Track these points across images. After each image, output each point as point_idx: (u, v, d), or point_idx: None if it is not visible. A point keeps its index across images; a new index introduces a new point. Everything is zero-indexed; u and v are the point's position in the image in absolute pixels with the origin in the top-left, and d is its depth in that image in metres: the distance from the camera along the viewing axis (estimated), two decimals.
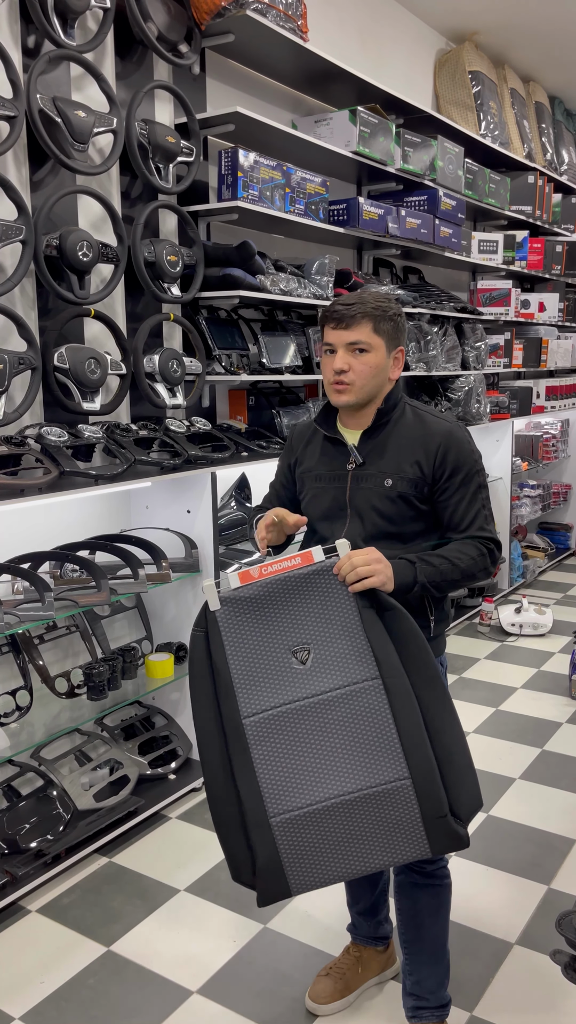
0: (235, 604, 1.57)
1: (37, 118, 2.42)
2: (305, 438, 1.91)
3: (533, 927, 2.30)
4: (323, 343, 1.77)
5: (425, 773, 1.53)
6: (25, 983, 2.12)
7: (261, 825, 1.55)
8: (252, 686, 1.56)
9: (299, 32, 3.22)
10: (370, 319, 1.71)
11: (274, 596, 1.56)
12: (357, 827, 1.54)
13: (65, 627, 2.83)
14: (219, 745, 1.58)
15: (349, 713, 1.54)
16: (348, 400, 1.75)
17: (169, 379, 2.88)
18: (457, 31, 4.85)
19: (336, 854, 1.55)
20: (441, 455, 1.74)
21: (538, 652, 4.37)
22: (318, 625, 1.56)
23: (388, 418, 1.79)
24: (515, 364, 5.29)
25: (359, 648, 1.55)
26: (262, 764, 1.55)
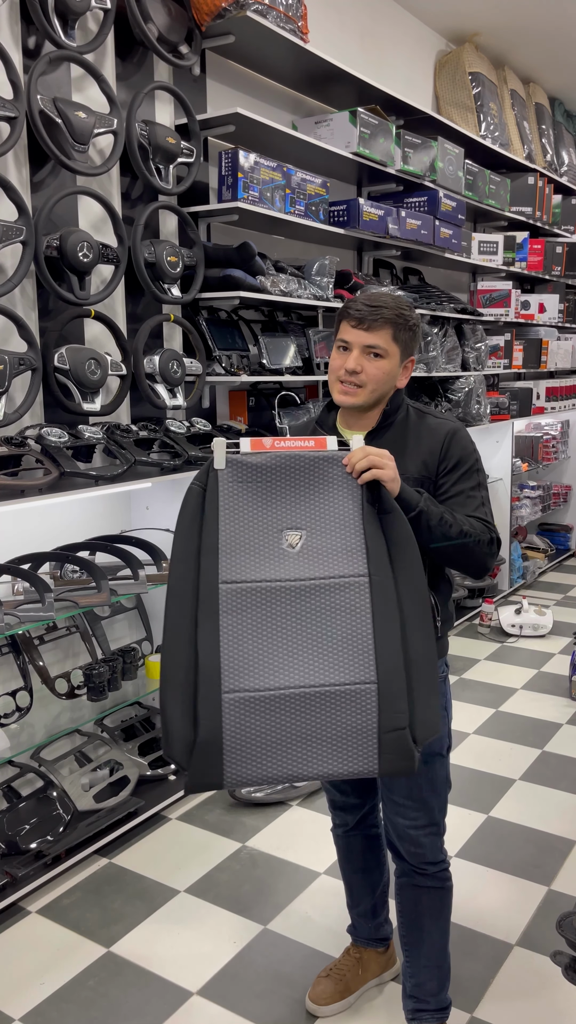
0: (240, 468, 1.55)
1: (37, 119, 2.42)
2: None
3: (533, 928, 2.29)
4: (338, 338, 1.75)
5: (392, 681, 1.49)
6: (25, 984, 2.11)
7: (212, 698, 1.47)
8: (237, 553, 1.52)
9: (299, 33, 3.22)
10: (391, 326, 1.70)
11: (279, 471, 1.55)
12: (310, 725, 1.48)
13: (65, 628, 2.83)
14: (189, 606, 1.52)
15: (329, 605, 1.51)
16: (354, 402, 1.73)
17: (169, 380, 2.88)
18: (457, 32, 4.86)
19: (281, 750, 1.48)
20: (444, 450, 1.74)
21: (538, 653, 4.37)
22: (316, 511, 1.55)
23: (392, 419, 1.79)
24: (515, 365, 5.29)
25: (353, 543, 1.54)
26: (228, 634, 1.50)
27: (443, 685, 1.84)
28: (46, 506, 2.76)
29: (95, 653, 2.84)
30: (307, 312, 3.73)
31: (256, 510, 1.55)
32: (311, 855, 2.63)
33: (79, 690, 2.71)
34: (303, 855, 2.63)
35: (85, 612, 2.77)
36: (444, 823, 1.87)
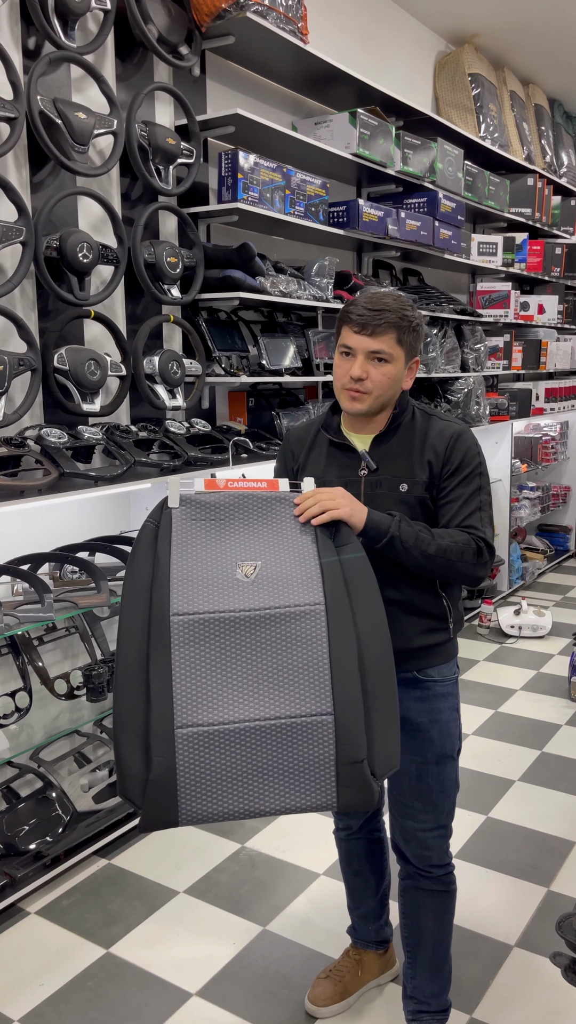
0: (193, 506, 1.55)
1: (37, 120, 2.42)
2: (306, 443, 1.84)
3: (532, 929, 2.29)
4: (340, 344, 1.71)
5: (349, 712, 1.44)
6: (24, 985, 2.11)
7: (165, 734, 1.41)
8: (189, 585, 1.49)
9: (299, 34, 3.22)
10: (395, 329, 1.66)
11: (232, 509, 1.56)
12: (266, 759, 1.43)
13: (65, 629, 2.83)
14: (141, 641, 1.47)
15: (284, 635, 1.47)
16: (361, 409, 1.70)
17: (169, 381, 2.88)
18: (457, 34, 4.86)
19: (237, 785, 1.43)
20: (448, 452, 1.71)
21: (537, 654, 4.37)
22: (271, 546, 1.54)
23: (399, 422, 1.76)
24: (514, 366, 5.29)
25: (308, 572, 1.52)
26: (181, 667, 1.45)
27: (453, 687, 1.83)
28: (46, 507, 2.76)
29: (94, 654, 2.84)
30: (307, 313, 3.73)
31: (209, 545, 1.54)
32: (310, 856, 2.63)
33: (78, 691, 2.70)
34: (302, 856, 2.63)
35: (84, 613, 2.77)
36: (451, 826, 1.86)
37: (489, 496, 1.76)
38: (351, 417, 1.76)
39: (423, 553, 1.63)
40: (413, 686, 1.78)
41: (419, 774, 1.80)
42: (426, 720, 1.78)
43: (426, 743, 1.79)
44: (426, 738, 1.79)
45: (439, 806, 1.82)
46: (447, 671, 1.81)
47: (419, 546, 1.63)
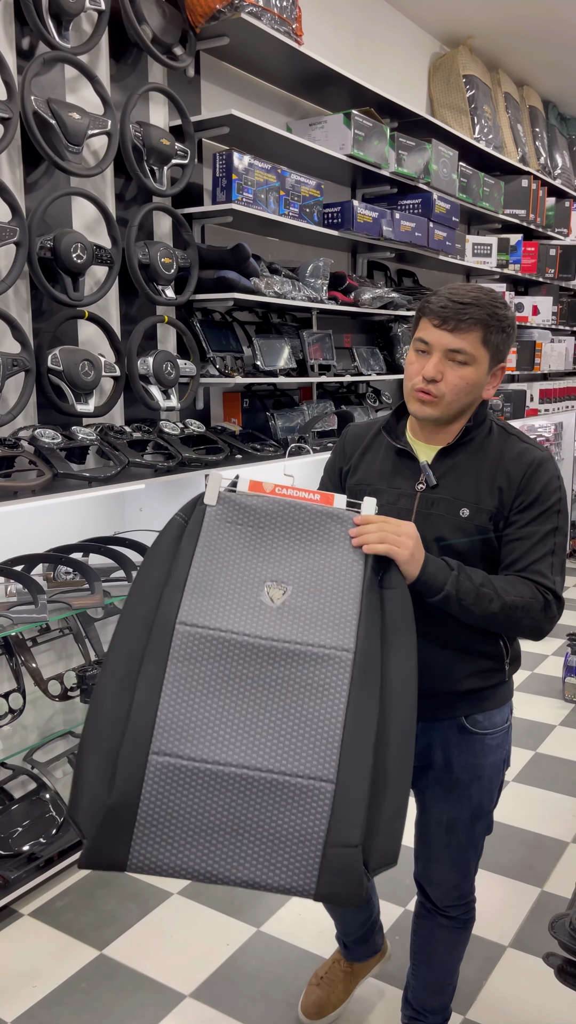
0: (230, 507, 1.37)
1: (31, 120, 2.41)
2: (363, 443, 1.65)
3: (526, 930, 2.30)
4: (416, 338, 1.51)
5: (353, 785, 1.23)
6: (17, 987, 2.11)
7: (136, 757, 1.23)
8: (205, 594, 1.31)
9: (294, 35, 3.22)
10: (482, 327, 1.45)
11: (275, 518, 1.36)
12: (244, 816, 1.23)
13: (58, 630, 2.82)
14: (137, 645, 1.30)
15: (299, 677, 1.27)
16: (431, 414, 1.50)
17: (163, 381, 2.88)
18: (452, 35, 4.87)
19: (204, 840, 1.22)
20: (526, 481, 1.49)
21: (531, 655, 4.38)
22: (309, 568, 1.34)
23: (472, 436, 1.55)
24: (509, 367, 5.30)
25: (345, 612, 1.31)
26: (173, 685, 1.26)
27: (504, 737, 1.65)
28: (39, 507, 2.76)
29: (88, 655, 2.83)
30: (301, 314, 3.73)
31: (239, 554, 1.35)
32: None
33: (72, 692, 2.70)
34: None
35: (78, 614, 2.76)
36: (477, 864, 1.73)
37: (566, 539, 1.51)
38: (419, 422, 1.56)
39: (484, 613, 1.42)
40: (459, 734, 1.59)
41: (449, 827, 1.66)
42: (467, 777, 1.61)
43: (463, 800, 1.63)
44: (464, 795, 1.63)
45: (467, 860, 1.69)
46: (499, 718, 1.61)
47: (480, 604, 1.42)
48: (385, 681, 1.30)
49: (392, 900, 2.41)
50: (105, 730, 1.27)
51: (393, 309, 3.95)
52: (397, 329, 4.12)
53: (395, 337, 4.13)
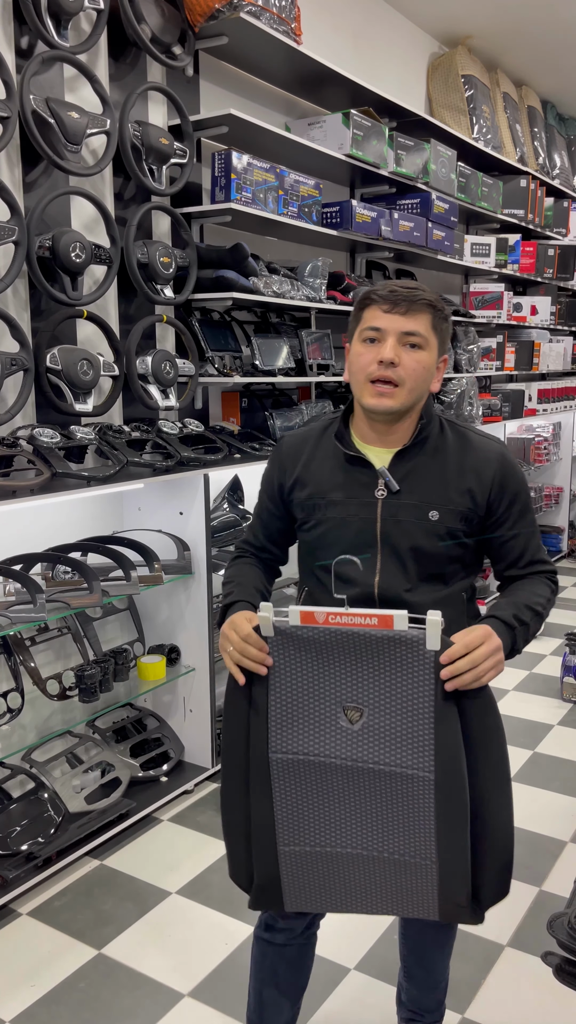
0: (289, 639, 1.35)
1: (30, 119, 2.41)
2: (303, 455, 1.56)
3: (524, 929, 2.30)
4: (365, 327, 1.45)
5: (454, 861, 1.36)
6: (16, 986, 2.11)
7: (268, 850, 1.43)
8: (288, 724, 1.38)
9: (292, 35, 3.22)
10: (431, 312, 1.44)
11: (335, 645, 1.33)
12: (368, 878, 1.42)
13: (57, 629, 2.82)
14: (239, 769, 1.42)
15: (389, 790, 1.36)
16: (390, 405, 1.43)
17: (162, 381, 2.88)
18: (450, 35, 4.87)
19: (340, 891, 1.45)
20: (499, 483, 1.48)
21: (529, 655, 4.38)
22: (380, 692, 1.33)
23: (427, 435, 1.50)
24: (507, 367, 5.30)
25: (420, 736, 1.32)
26: (282, 800, 1.41)
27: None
28: (38, 507, 2.76)
29: (87, 654, 2.83)
30: (300, 313, 3.73)
31: (309, 683, 1.36)
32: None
33: (71, 691, 2.70)
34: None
35: (77, 613, 2.76)
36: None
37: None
38: (368, 426, 1.51)
39: (536, 632, 1.49)
40: None
41: None
42: None
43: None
44: None
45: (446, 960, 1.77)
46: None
47: (536, 626, 1.47)
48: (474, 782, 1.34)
49: None
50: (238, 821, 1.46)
51: None
52: None
53: None
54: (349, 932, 2.29)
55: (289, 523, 1.61)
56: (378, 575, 1.47)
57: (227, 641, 1.38)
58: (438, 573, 1.49)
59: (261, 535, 1.65)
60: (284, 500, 1.58)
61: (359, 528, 1.47)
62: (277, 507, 1.60)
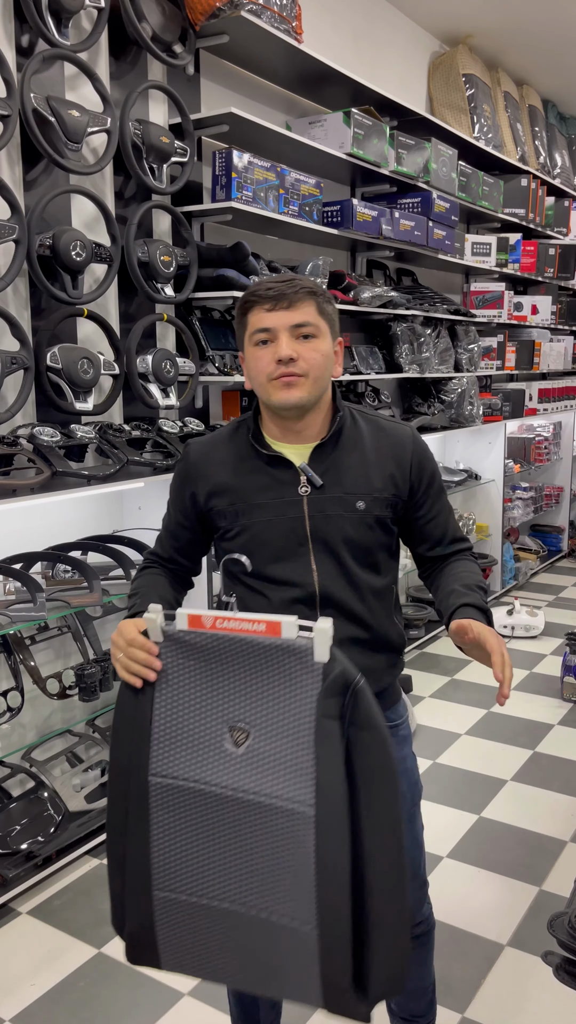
0: (178, 645, 1.24)
1: (31, 117, 2.41)
2: (214, 462, 1.51)
3: (524, 929, 2.30)
4: (253, 331, 1.42)
5: (335, 927, 1.16)
6: (15, 985, 2.11)
7: (141, 892, 1.27)
8: (171, 744, 1.25)
9: (293, 33, 3.22)
10: (313, 298, 1.42)
11: (225, 655, 1.22)
12: (245, 943, 1.24)
13: (57, 628, 2.82)
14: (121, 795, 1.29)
15: (270, 827, 1.20)
16: (301, 397, 1.41)
17: (162, 379, 2.88)
18: (451, 34, 4.87)
19: (217, 956, 1.26)
20: (416, 465, 1.50)
21: (530, 654, 4.38)
22: (265, 710, 1.21)
23: (341, 427, 1.49)
24: (508, 366, 5.30)
25: (300, 762, 1.17)
26: (159, 830, 1.26)
27: (408, 726, 1.64)
28: (38, 506, 2.75)
29: (87, 653, 2.83)
30: None
31: (198, 694, 1.24)
32: None
33: (70, 690, 2.70)
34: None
35: (77, 612, 2.76)
36: (424, 867, 1.69)
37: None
38: (278, 427, 1.48)
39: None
40: None
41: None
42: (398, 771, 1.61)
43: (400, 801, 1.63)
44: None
45: (417, 862, 1.62)
46: (402, 709, 1.62)
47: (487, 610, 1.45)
48: (359, 827, 1.16)
49: None
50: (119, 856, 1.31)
51: (392, 308, 3.95)
52: (396, 328, 4.12)
53: (394, 336, 4.13)
54: None
55: (201, 535, 1.56)
56: (315, 572, 1.45)
57: (116, 648, 1.29)
58: (372, 562, 1.49)
59: (170, 547, 1.59)
60: (199, 511, 1.52)
61: (288, 528, 1.45)
62: (188, 519, 1.55)
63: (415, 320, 4.23)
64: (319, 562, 1.46)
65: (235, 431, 1.53)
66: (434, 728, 3.52)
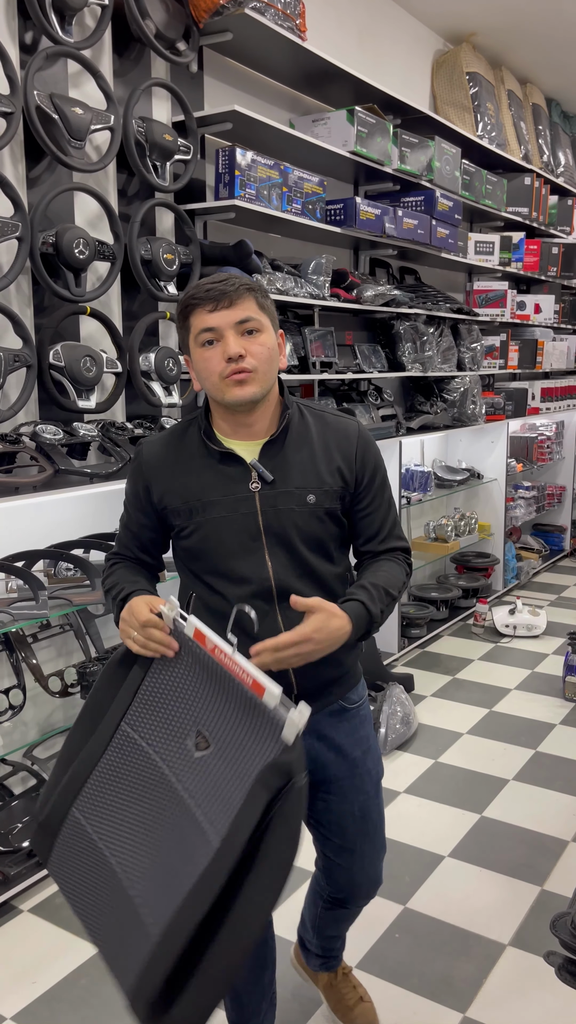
0: (181, 641, 1.35)
1: (34, 115, 2.41)
2: (166, 461, 1.54)
3: (526, 928, 2.30)
4: (197, 334, 1.45)
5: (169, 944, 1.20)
6: (17, 983, 2.11)
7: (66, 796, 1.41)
8: (149, 710, 1.36)
9: (297, 31, 3.22)
10: (252, 293, 1.45)
11: (216, 675, 1.29)
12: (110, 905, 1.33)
13: (59, 626, 2.82)
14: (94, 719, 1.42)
15: (182, 828, 1.27)
16: (254, 392, 1.44)
17: (165, 377, 2.88)
18: (455, 32, 4.86)
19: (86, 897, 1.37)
20: (360, 458, 1.53)
21: (532, 654, 4.38)
22: (228, 736, 1.27)
23: (289, 422, 1.52)
24: (511, 366, 5.29)
25: (232, 799, 1.22)
26: (104, 767, 1.39)
27: (368, 706, 1.71)
28: (40, 503, 2.75)
29: (89, 651, 2.83)
30: (303, 311, 3.73)
31: (184, 688, 1.34)
32: (306, 852, 2.62)
33: (72, 688, 2.70)
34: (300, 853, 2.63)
35: (79, 610, 2.76)
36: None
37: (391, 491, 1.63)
38: (229, 424, 1.51)
39: (392, 606, 1.51)
40: (340, 715, 1.61)
41: (363, 814, 1.66)
42: (360, 752, 1.64)
43: (365, 777, 1.65)
44: (364, 771, 1.65)
45: (381, 835, 1.71)
46: (361, 690, 1.68)
47: (391, 604, 1.49)
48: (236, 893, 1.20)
49: (392, 898, 2.41)
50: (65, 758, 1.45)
51: (395, 306, 3.94)
52: (399, 326, 4.12)
53: (397, 334, 4.13)
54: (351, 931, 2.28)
55: (161, 532, 1.60)
56: (270, 566, 1.48)
57: (128, 626, 1.37)
58: (326, 553, 1.53)
59: (133, 546, 1.63)
60: (156, 509, 1.56)
61: (241, 524, 1.48)
62: (147, 516, 1.58)
63: (418, 319, 4.22)
64: (273, 556, 1.49)
65: (185, 430, 1.56)
66: (436, 727, 3.52)
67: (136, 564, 1.64)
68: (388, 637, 4.22)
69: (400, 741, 3.31)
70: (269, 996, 1.79)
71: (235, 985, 1.71)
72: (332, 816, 1.67)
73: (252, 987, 1.74)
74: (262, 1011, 1.77)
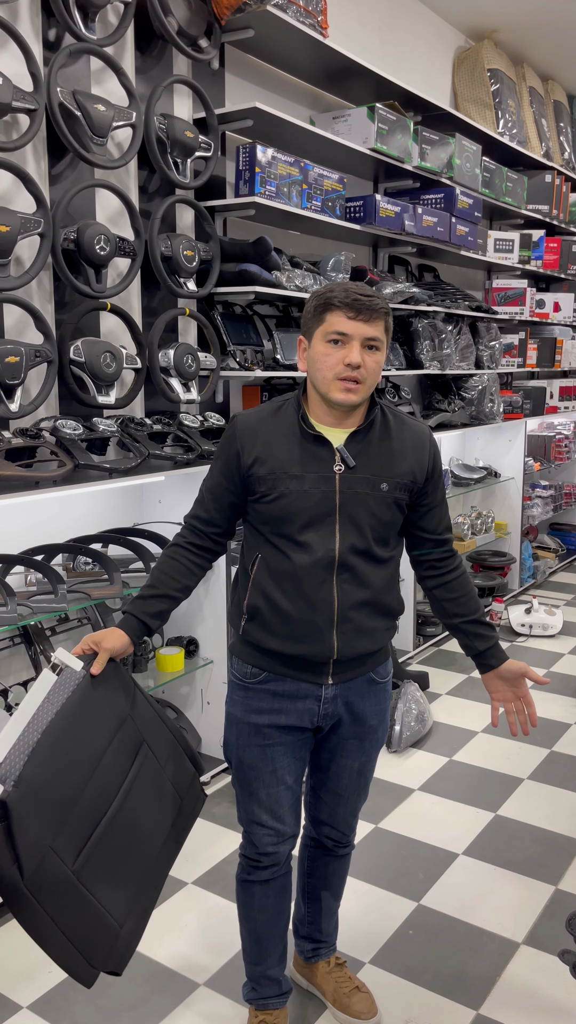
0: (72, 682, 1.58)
1: (57, 111, 2.42)
2: (261, 434, 1.68)
3: (540, 927, 2.29)
4: (331, 331, 1.60)
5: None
6: (33, 972, 2.13)
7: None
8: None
9: (319, 28, 3.22)
10: (386, 317, 1.63)
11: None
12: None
13: (77, 619, 2.84)
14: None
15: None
16: (355, 400, 1.62)
17: (184, 374, 2.89)
18: (476, 29, 4.84)
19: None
20: (431, 458, 1.72)
21: (547, 653, 4.37)
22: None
23: (374, 417, 1.70)
24: (529, 364, 5.27)
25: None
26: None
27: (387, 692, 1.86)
28: (60, 498, 2.77)
29: None
30: None
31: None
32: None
33: None
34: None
35: (97, 604, 2.78)
36: None
37: None
38: (325, 412, 1.67)
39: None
40: (368, 686, 1.79)
41: (360, 770, 1.86)
42: (376, 721, 1.83)
43: (373, 742, 1.85)
44: (373, 738, 1.84)
45: (368, 786, 1.92)
46: (389, 667, 1.87)
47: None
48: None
49: (406, 895, 2.42)
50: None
51: (414, 304, 3.94)
52: (417, 324, 4.11)
53: (415, 332, 4.12)
54: (364, 927, 2.29)
55: (240, 497, 1.72)
56: (338, 540, 1.65)
57: (91, 640, 1.65)
58: (385, 537, 1.70)
59: (212, 508, 1.75)
60: (242, 475, 1.68)
61: (319, 499, 1.63)
62: (231, 482, 1.70)
63: (436, 316, 4.21)
64: (342, 532, 1.65)
65: (279, 408, 1.71)
66: (450, 725, 3.51)
67: (203, 535, 1.76)
68: (404, 635, 4.22)
69: (415, 739, 3.31)
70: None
71: (257, 929, 1.89)
72: (333, 768, 1.85)
73: (271, 928, 1.90)
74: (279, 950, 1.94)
